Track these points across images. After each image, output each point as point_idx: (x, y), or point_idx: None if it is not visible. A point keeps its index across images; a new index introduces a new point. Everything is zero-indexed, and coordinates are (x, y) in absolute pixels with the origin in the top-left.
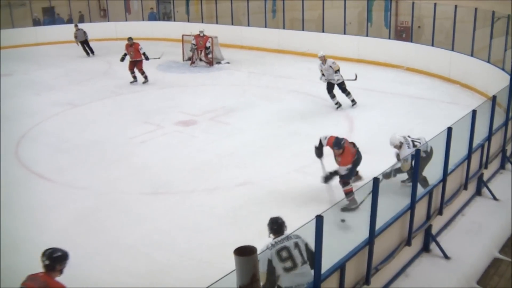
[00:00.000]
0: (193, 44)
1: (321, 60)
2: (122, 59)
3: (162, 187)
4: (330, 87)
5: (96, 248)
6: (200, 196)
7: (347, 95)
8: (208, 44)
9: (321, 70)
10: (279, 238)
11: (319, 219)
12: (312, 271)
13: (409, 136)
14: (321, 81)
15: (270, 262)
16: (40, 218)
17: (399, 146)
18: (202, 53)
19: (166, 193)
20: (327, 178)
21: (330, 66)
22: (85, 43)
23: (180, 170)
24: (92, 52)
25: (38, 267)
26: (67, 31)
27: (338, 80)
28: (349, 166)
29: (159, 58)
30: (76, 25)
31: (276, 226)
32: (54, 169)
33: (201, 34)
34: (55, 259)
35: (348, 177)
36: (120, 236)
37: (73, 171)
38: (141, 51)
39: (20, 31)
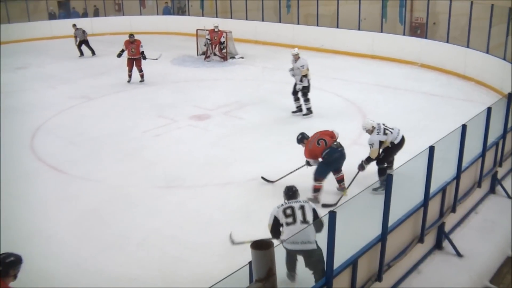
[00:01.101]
0: (208, 39)
1: (294, 57)
2: (120, 55)
3: (175, 181)
4: (295, 88)
5: (109, 240)
6: (212, 190)
7: (305, 101)
8: (222, 39)
9: (292, 68)
10: (290, 200)
11: (332, 215)
12: (314, 233)
13: (383, 124)
14: (293, 76)
15: (276, 218)
16: (53, 210)
17: (370, 131)
18: (217, 48)
19: (179, 187)
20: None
21: (299, 68)
22: (84, 43)
23: (193, 164)
24: (93, 52)
25: (51, 258)
26: (82, 25)
27: (300, 85)
28: (307, 159)
29: (156, 59)
30: (74, 25)
31: (291, 192)
32: (68, 162)
33: (216, 29)
34: (8, 264)
35: (316, 174)
36: (133, 229)
37: (87, 164)
38: (141, 49)
39: (35, 24)
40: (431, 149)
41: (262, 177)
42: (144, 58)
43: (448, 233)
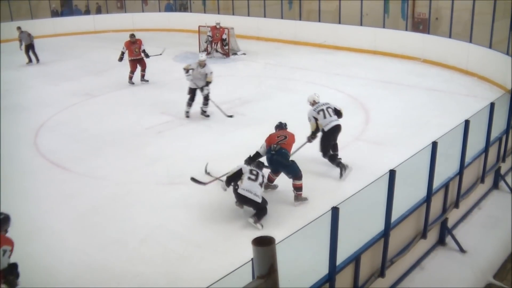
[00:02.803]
0: (209, 35)
1: (200, 64)
2: (121, 59)
3: (178, 177)
4: (193, 93)
5: (112, 237)
6: (215, 186)
7: (204, 104)
8: (224, 36)
9: (192, 70)
10: (256, 168)
11: (335, 211)
12: (261, 192)
13: (328, 108)
14: (187, 79)
15: (240, 170)
16: (57, 207)
17: (312, 104)
18: (219, 44)
19: (182, 183)
20: None
21: (206, 74)
22: (30, 47)
23: (196, 160)
24: (37, 59)
25: (54, 254)
26: (84, 22)
27: (205, 92)
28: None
29: (160, 54)
30: (18, 28)
31: (261, 165)
32: (72, 159)
33: (218, 26)
34: (0, 221)
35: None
36: (137, 225)
37: (90, 160)
38: (142, 48)
39: (38, 22)
40: (434, 144)
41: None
42: (147, 56)
43: (451, 229)
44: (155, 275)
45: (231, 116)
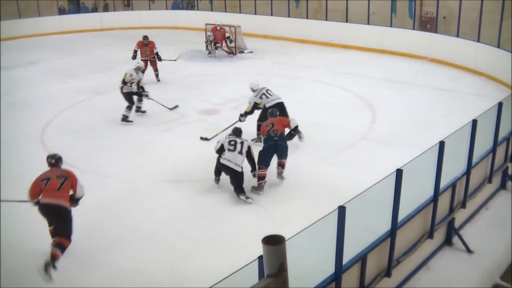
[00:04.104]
0: (209, 35)
1: (140, 70)
2: (134, 57)
3: (183, 175)
4: (131, 97)
5: (118, 234)
6: (222, 186)
7: (138, 101)
8: (227, 35)
9: (131, 75)
10: (235, 136)
11: (342, 210)
12: (242, 161)
13: (267, 91)
14: (130, 87)
15: (222, 145)
16: None
17: (253, 91)
18: (223, 44)
19: (187, 181)
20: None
21: (140, 79)
22: None
23: (202, 158)
24: None
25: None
26: (91, 19)
27: (143, 95)
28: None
29: (175, 60)
30: None
31: (238, 132)
32: (78, 156)
33: (218, 27)
34: (58, 159)
35: (258, 161)
36: (142, 223)
37: (97, 158)
38: (155, 51)
39: (45, 19)
40: (441, 144)
41: (201, 137)
42: (160, 59)
43: (458, 229)
44: (160, 273)
45: (176, 107)
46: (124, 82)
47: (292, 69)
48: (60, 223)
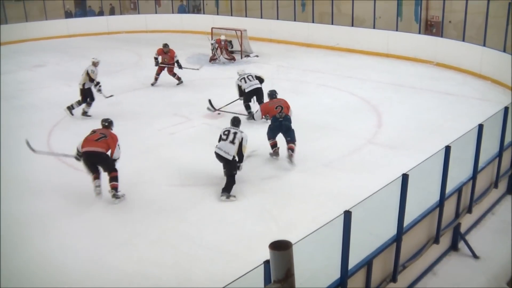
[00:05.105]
0: (213, 43)
1: (97, 66)
2: (156, 63)
3: (189, 179)
4: (91, 92)
5: (124, 237)
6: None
7: (80, 105)
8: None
9: (93, 71)
10: (231, 126)
11: (347, 215)
12: (234, 150)
13: (250, 76)
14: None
15: (220, 135)
16: (69, 207)
17: (239, 75)
18: (224, 52)
19: (193, 185)
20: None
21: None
22: None
23: (208, 162)
24: None
25: (67, 254)
26: (98, 23)
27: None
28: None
29: (198, 69)
30: None
31: (235, 122)
32: None
33: (222, 42)
34: (111, 122)
35: (267, 135)
36: (148, 226)
37: None
38: (175, 58)
39: (52, 23)
40: (447, 149)
41: (209, 103)
42: (180, 67)
43: (464, 234)
44: (166, 277)
45: (111, 96)
46: (91, 80)
47: (298, 73)
48: (103, 163)
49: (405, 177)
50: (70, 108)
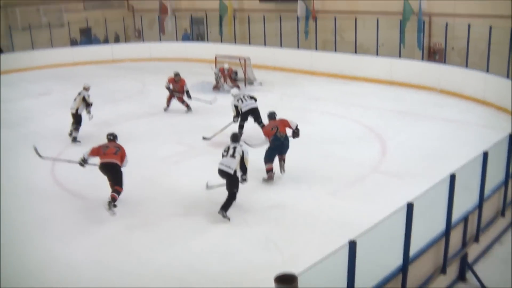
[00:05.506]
0: (217, 73)
1: (88, 90)
2: (170, 91)
3: (193, 208)
4: (80, 118)
5: (128, 268)
6: (231, 218)
7: (78, 130)
8: (232, 74)
9: (89, 95)
10: (231, 142)
11: (352, 245)
12: (234, 165)
13: (246, 96)
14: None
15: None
16: (73, 237)
17: (233, 96)
18: (228, 80)
19: (197, 214)
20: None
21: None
22: None
23: (212, 191)
24: None
25: (69, 285)
26: (103, 51)
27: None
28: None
29: (210, 103)
30: None
31: (235, 137)
32: (88, 188)
33: (226, 71)
34: (115, 136)
35: (264, 158)
36: (152, 257)
37: (107, 190)
38: (185, 88)
39: (58, 51)
40: (452, 177)
41: (203, 137)
42: (189, 97)
43: (471, 264)
44: None
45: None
46: (87, 104)
47: (302, 101)
48: (115, 176)
49: (410, 206)
50: (75, 138)
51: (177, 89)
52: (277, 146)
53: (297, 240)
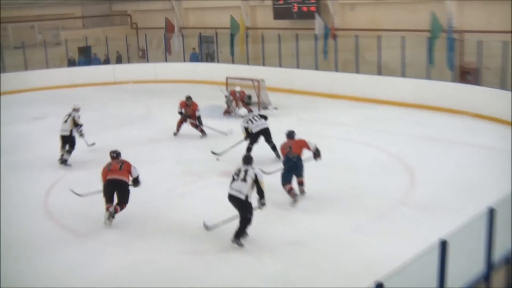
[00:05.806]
0: (228, 96)
1: (78, 111)
2: (183, 116)
3: (202, 245)
4: (73, 141)
5: None
6: (244, 255)
7: (70, 153)
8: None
9: (79, 116)
10: (243, 165)
11: (379, 287)
12: (247, 189)
13: (255, 116)
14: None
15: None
16: (67, 277)
17: (242, 117)
18: (240, 104)
19: (206, 252)
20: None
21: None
22: None
23: (223, 226)
24: None
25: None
26: (103, 72)
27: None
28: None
29: (225, 134)
30: None
31: (246, 159)
32: (85, 223)
33: (237, 94)
34: (119, 154)
35: (281, 181)
36: None
37: (106, 226)
38: (197, 114)
39: (54, 72)
40: (491, 211)
41: (212, 152)
42: (201, 123)
43: None
44: None
45: (93, 144)
46: (75, 125)
47: (321, 126)
48: (121, 192)
49: (443, 244)
50: (65, 161)
51: (189, 113)
52: (290, 168)
53: (318, 282)
